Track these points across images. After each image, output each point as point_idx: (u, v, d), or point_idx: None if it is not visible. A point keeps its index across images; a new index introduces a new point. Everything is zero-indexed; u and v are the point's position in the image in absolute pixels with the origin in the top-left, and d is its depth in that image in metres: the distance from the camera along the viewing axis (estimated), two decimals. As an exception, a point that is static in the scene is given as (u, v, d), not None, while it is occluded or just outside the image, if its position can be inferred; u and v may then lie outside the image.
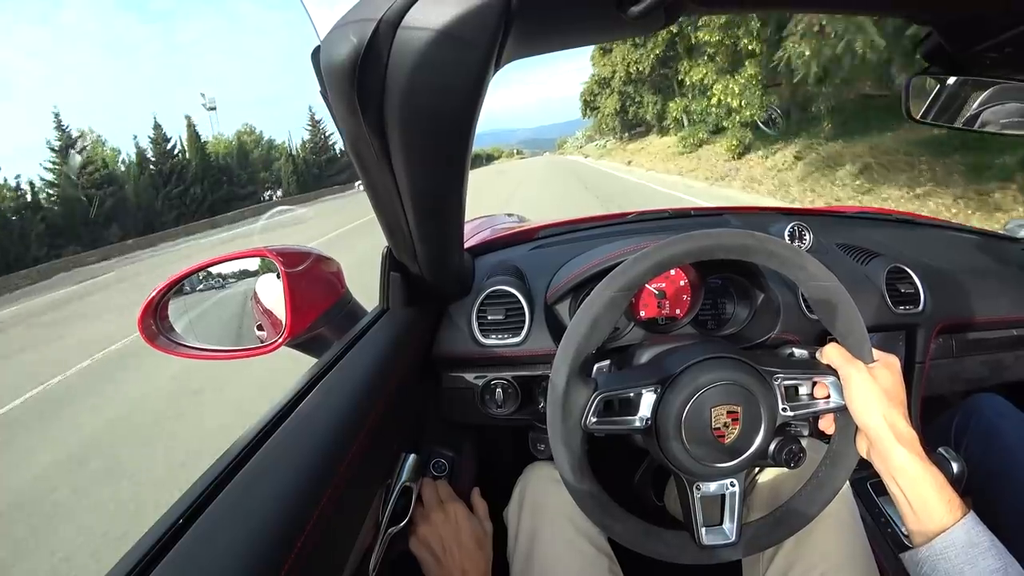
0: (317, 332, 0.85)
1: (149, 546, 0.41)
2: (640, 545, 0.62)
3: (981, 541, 0.52)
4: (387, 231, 0.71)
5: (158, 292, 0.80)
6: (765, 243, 0.61)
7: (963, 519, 0.53)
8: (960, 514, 0.54)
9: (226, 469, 0.49)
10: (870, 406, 0.58)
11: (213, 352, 0.84)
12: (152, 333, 0.80)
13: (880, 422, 0.57)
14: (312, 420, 0.59)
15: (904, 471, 0.56)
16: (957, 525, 0.53)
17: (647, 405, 0.61)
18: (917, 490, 0.55)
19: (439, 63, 0.38)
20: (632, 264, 0.60)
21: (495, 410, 0.95)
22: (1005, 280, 1.11)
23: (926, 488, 0.55)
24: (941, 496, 0.54)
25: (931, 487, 0.55)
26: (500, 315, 0.93)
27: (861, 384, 0.59)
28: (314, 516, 0.47)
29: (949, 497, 0.55)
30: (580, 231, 1.21)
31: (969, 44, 0.57)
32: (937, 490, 0.55)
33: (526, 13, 0.38)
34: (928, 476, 0.55)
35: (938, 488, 0.55)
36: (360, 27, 0.36)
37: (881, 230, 1.26)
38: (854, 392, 0.59)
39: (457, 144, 0.49)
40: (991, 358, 1.10)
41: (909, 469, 0.56)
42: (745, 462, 0.62)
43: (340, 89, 0.40)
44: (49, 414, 4.26)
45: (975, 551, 0.51)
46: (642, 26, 0.44)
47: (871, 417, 0.58)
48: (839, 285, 0.61)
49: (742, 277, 0.96)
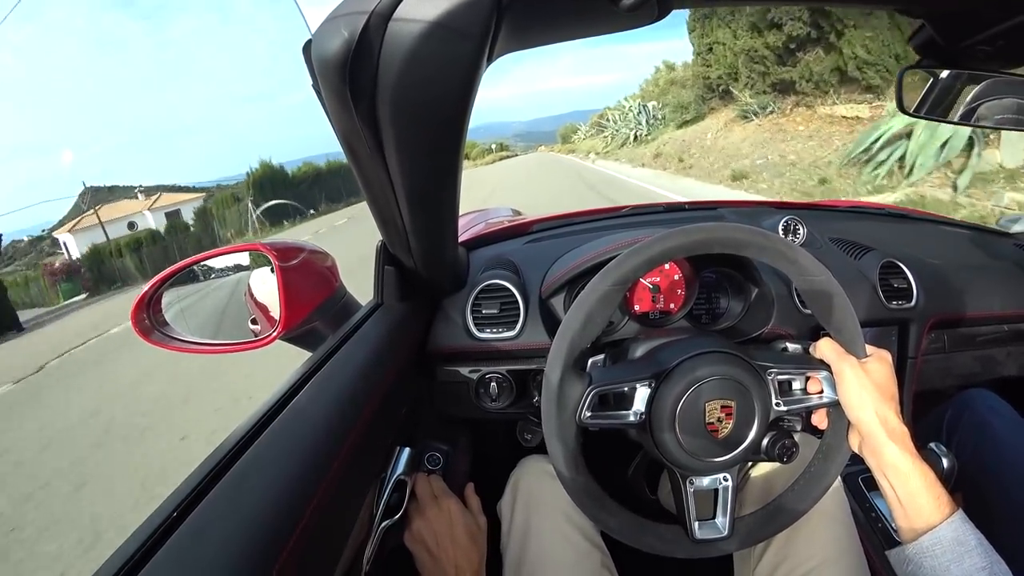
0: (311, 326, 0.85)
1: (143, 540, 0.41)
2: (633, 539, 0.63)
3: (968, 539, 0.52)
4: (381, 225, 0.71)
5: (151, 286, 0.80)
6: (759, 237, 0.61)
7: (951, 517, 0.53)
8: (949, 511, 0.54)
9: (220, 462, 0.49)
10: (862, 401, 0.58)
11: (207, 346, 0.84)
12: (146, 327, 0.79)
13: (872, 417, 0.58)
14: (306, 414, 0.59)
15: (894, 467, 0.56)
16: (945, 523, 0.53)
17: (641, 399, 0.61)
18: (907, 486, 0.56)
19: (431, 56, 0.38)
20: (627, 258, 0.60)
21: (489, 404, 0.96)
22: (997, 275, 1.11)
23: (916, 484, 0.55)
24: (930, 493, 0.55)
25: (920, 483, 0.55)
26: (495, 309, 0.93)
27: (854, 379, 0.59)
28: (308, 509, 0.47)
29: (938, 494, 0.55)
30: (575, 225, 1.21)
31: (961, 37, 0.57)
32: (927, 487, 0.55)
33: (518, 6, 0.38)
34: (918, 472, 0.56)
35: (927, 485, 0.55)
36: (351, 20, 0.36)
37: (874, 224, 1.27)
38: (847, 387, 0.59)
39: (450, 137, 0.49)
40: (983, 354, 1.10)
41: (899, 465, 0.56)
42: (738, 456, 0.62)
43: (332, 83, 0.40)
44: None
45: (962, 549, 0.51)
46: (634, 19, 0.44)
47: (863, 412, 0.58)
48: (833, 280, 0.61)
49: (736, 271, 0.96)
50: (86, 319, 12.40)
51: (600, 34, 0.48)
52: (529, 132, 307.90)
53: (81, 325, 11.06)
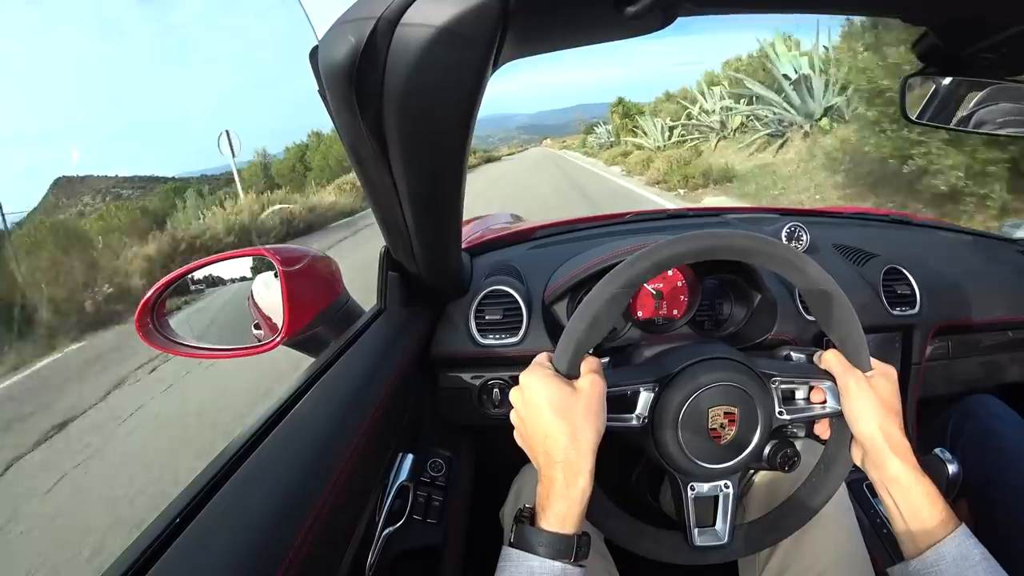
0: (314, 331, 0.85)
1: (146, 545, 0.41)
2: (634, 544, 0.62)
3: (972, 554, 0.51)
4: (385, 230, 0.71)
5: (155, 290, 0.80)
6: (763, 244, 0.61)
7: (955, 532, 0.53)
8: (952, 526, 0.53)
9: (223, 468, 0.49)
10: (866, 416, 0.58)
11: (210, 351, 0.84)
12: (149, 331, 0.79)
13: (876, 432, 0.57)
14: (309, 420, 0.58)
15: (897, 481, 0.56)
16: (948, 538, 0.52)
17: (644, 404, 0.61)
18: (910, 501, 0.55)
19: (438, 62, 0.38)
20: (631, 263, 0.60)
21: (492, 410, 0.95)
22: (1001, 282, 1.11)
23: (919, 499, 0.55)
24: (933, 508, 0.54)
25: (924, 499, 0.55)
26: (498, 315, 0.93)
27: (859, 394, 0.58)
28: (311, 515, 0.47)
29: (941, 509, 0.54)
30: (578, 231, 1.21)
31: (965, 44, 0.58)
32: (930, 502, 0.55)
33: (524, 13, 0.38)
34: (921, 487, 0.55)
35: (931, 500, 0.55)
36: (358, 26, 0.36)
37: (877, 231, 1.27)
38: (852, 401, 0.59)
39: (455, 143, 0.49)
40: (987, 360, 1.10)
41: (902, 479, 0.56)
42: (740, 464, 0.62)
43: (338, 88, 0.40)
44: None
45: (965, 564, 0.51)
46: (640, 27, 0.44)
47: (867, 426, 0.58)
48: (837, 288, 0.61)
49: (739, 278, 0.96)
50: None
51: (605, 41, 0.48)
52: (533, 125, 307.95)
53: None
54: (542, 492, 0.53)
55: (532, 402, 0.55)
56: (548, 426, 0.53)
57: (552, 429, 0.53)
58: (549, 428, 0.53)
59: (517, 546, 0.51)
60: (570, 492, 0.51)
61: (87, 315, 6.20)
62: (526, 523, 0.52)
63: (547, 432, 0.53)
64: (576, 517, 0.51)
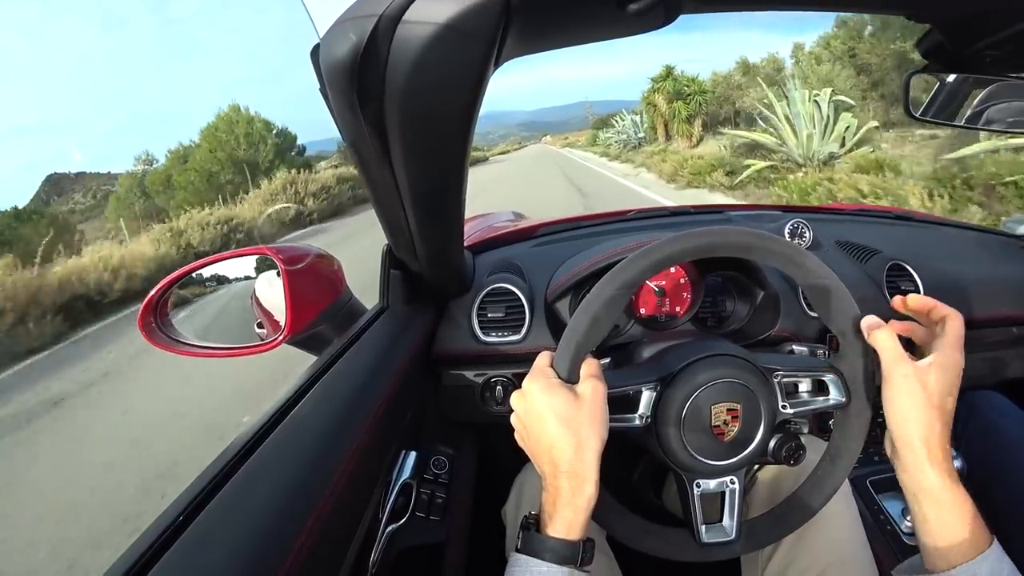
0: (317, 330, 0.85)
1: (149, 543, 0.41)
2: (640, 543, 0.62)
3: (1002, 570, 0.49)
4: (387, 229, 0.71)
5: (158, 290, 0.80)
6: (766, 241, 0.61)
7: (988, 551, 0.49)
8: (985, 545, 0.50)
9: (226, 467, 0.49)
10: (910, 418, 0.52)
11: (213, 350, 0.84)
12: (152, 331, 0.79)
13: (916, 440, 0.52)
14: (312, 418, 0.59)
15: (931, 494, 0.52)
16: (980, 556, 0.49)
17: (646, 403, 0.61)
18: (943, 516, 0.51)
19: (439, 60, 0.38)
20: (633, 261, 0.60)
21: (495, 408, 0.95)
22: (1003, 277, 1.11)
23: (952, 516, 0.51)
24: (969, 526, 0.50)
25: (959, 516, 0.51)
26: (500, 313, 0.93)
27: (904, 388, 0.53)
28: (313, 513, 0.47)
29: (976, 527, 0.50)
30: (580, 229, 1.21)
31: (969, 41, 0.57)
32: (964, 519, 0.51)
33: (526, 10, 0.38)
34: (957, 504, 0.51)
35: (966, 518, 0.51)
36: (360, 23, 0.36)
37: (879, 227, 1.26)
38: (895, 395, 0.53)
39: (457, 141, 0.49)
40: (991, 356, 1.10)
41: (938, 494, 0.51)
42: (745, 459, 0.62)
43: (340, 87, 0.40)
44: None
45: None
46: (642, 24, 0.44)
47: (907, 431, 0.53)
48: (838, 281, 0.61)
49: (742, 274, 0.96)
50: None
51: (607, 38, 0.48)
52: (533, 122, 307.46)
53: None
54: (548, 500, 0.53)
55: (536, 411, 0.54)
56: (554, 437, 0.52)
57: (558, 440, 0.52)
58: (555, 439, 0.52)
59: (524, 552, 0.51)
60: (576, 500, 0.51)
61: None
62: (533, 529, 0.53)
63: (552, 443, 0.53)
64: (582, 524, 0.51)
